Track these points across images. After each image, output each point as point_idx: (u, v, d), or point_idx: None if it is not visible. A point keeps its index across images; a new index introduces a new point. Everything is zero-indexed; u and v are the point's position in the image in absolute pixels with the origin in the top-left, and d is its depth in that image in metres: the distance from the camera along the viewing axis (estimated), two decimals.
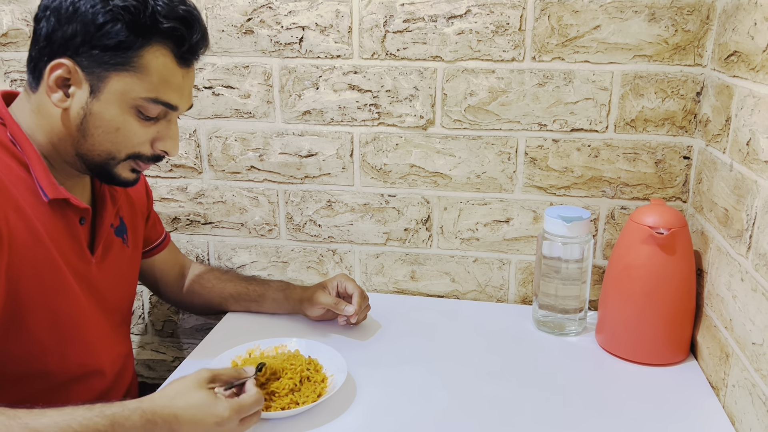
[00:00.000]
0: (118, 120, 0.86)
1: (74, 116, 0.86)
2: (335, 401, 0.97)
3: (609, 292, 1.12)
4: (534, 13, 1.17)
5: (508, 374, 1.06)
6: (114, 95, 0.85)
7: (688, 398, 0.99)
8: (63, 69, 0.83)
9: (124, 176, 0.92)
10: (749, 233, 0.91)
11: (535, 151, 1.24)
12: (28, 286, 0.85)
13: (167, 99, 0.87)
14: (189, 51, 0.88)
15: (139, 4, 0.82)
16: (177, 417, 0.78)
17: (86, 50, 0.82)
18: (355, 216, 1.34)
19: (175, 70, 0.87)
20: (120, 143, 0.88)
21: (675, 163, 1.20)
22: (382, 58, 1.24)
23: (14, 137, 0.87)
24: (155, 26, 0.83)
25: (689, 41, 1.14)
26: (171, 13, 0.84)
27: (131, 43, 0.83)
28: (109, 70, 0.83)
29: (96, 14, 0.81)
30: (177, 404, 0.79)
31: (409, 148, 1.28)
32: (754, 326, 0.88)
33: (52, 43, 0.83)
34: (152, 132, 0.89)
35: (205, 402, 0.80)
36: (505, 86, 1.21)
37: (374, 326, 1.21)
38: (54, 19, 0.83)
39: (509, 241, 1.30)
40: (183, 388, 0.81)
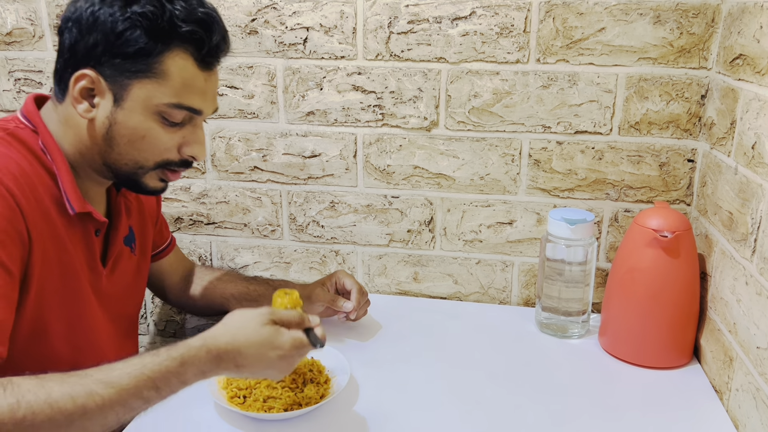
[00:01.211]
0: (142, 127, 0.86)
1: (100, 126, 0.86)
2: (338, 403, 0.97)
3: (612, 295, 1.12)
4: (539, 15, 1.16)
5: (511, 376, 1.05)
6: (137, 103, 0.84)
7: (692, 402, 0.99)
8: (86, 79, 0.83)
9: (152, 185, 0.92)
10: (754, 237, 0.91)
11: (538, 153, 1.24)
12: (52, 292, 0.85)
13: (190, 103, 0.87)
14: (209, 54, 0.87)
15: (157, 10, 0.82)
16: (240, 352, 0.79)
17: (108, 59, 0.82)
18: (358, 217, 1.34)
19: (196, 74, 0.86)
20: (147, 151, 0.88)
21: (679, 166, 1.20)
22: (386, 60, 1.23)
23: (45, 146, 0.87)
24: (174, 31, 0.83)
25: (694, 44, 1.14)
26: (189, 17, 0.84)
27: (151, 49, 0.82)
28: (131, 77, 0.83)
29: (115, 22, 0.81)
30: (239, 340, 0.80)
31: (412, 150, 1.28)
32: (759, 330, 0.87)
33: (75, 54, 0.83)
34: (178, 138, 0.89)
35: (267, 336, 0.81)
36: (510, 88, 1.21)
37: (377, 328, 1.21)
38: (76, 30, 0.83)
39: (512, 243, 1.30)
40: (244, 323, 0.82)
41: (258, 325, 0.81)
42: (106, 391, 0.71)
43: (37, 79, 1.36)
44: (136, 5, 0.81)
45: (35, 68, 1.35)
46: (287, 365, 0.83)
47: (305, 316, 0.87)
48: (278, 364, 0.82)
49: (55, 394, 0.68)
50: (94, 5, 0.82)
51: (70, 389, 0.69)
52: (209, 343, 0.79)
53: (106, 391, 0.71)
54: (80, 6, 0.83)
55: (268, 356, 0.81)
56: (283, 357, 0.82)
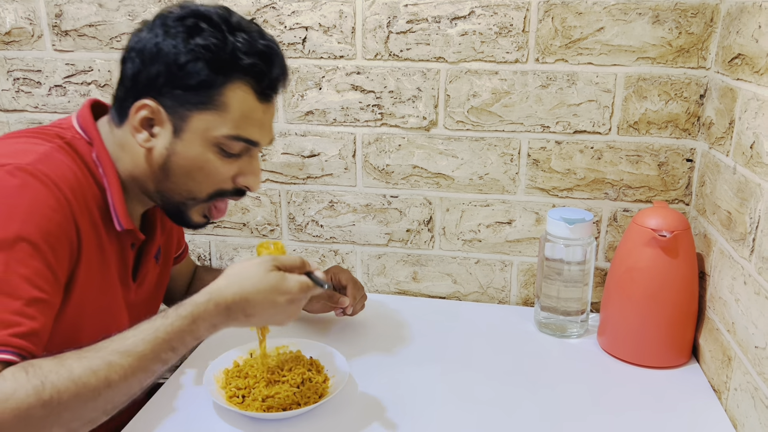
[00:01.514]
0: (200, 159, 0.86)
1: (158, 156, 0.86)
2: (337, 402, 0.97)
3: (611, 295, 1.12)
4: (538, 14, 1.17)
5: (510, 376, 1.05)
6: (196, 134, 0.84)
7: (690, 401, 0.99)
8: (147, 110, 0.83)
9: (195, 220, 0.93)
10: (752, 236, 0.91)
11: (537, 153, 1.24)
12: (90, 302, 0.85)
13: (248, 135, 0.87)
14: (269, 86, 0.87)
15: (220, 42, 0.82)
16: (249, 301, 0.81)
17: (169, 90, 0.83)
18: (357, 217, 1.34)
19: (255, 106, 0.86)
20: (202, 182, 0.88)
21: (678, 166, 1.20)
22: (385, 59, 1.23)
23: (99, 160, 0.87)
24: (235, 63, 0.83)
25: (693, 44, 1.14)
26: (251, 49, 0.83)
27: (212, 81, 0.82)
28: (191, 109, 0.83)
29: (178, 54, 0.81)
30: (247, 289, 0.81)
31: (411, 149, 1.28)
32: (757, 329, 0.88)
33: (137, 84, 0.84)
34: (234, 168, 0.89)
35: (273, 282, 0.82)
36: (508, 88, 1.21)
37: (375, 327, 1.21)
38: (138, 60, 0.83)
39: (511, 242, 1.30)
40: (250, 273, 0.82)
41: (263, 273, 0.82)
42: (126, 360, 0.72)
43: (36, 78, 1.36)
44: (199, 37, 0.82)
45: (34, 68, 1.35)
46: (295, 309, 0.85)
47: (305, 260, 0.88)
48: (286, 308, 0.83)
49: (77, 370, 0.69)
50: (157, 36, 0.83)
51: (89, 364, 0.70)
52: (216, 296, 0.80)
53: (125, 360, 0.72)
54: (144, 37, 0.84)
55: (277, 302, 0.82)
56: (291, 301, 0.83)
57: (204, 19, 0.83)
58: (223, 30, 0.83)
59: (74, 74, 1.34)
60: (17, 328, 0.70)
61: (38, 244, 0.74)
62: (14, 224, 0.73)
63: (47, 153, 0.81)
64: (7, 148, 0.81)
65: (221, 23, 0.83)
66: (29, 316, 0.71)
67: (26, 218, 0.74)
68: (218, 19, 0.84)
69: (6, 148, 0.81)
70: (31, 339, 0.71)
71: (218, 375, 1.00)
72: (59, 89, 1.36)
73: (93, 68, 1.33)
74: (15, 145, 0.82)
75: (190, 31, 0.82)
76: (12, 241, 0.72)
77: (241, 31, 0.84)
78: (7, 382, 0.65)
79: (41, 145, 0.82)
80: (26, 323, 0.70)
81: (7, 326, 0.69)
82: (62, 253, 0.78)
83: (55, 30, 1.32)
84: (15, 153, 0.79)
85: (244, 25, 0.85)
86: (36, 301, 0.73)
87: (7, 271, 0.71)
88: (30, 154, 0.79)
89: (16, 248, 0.72)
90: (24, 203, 0.74)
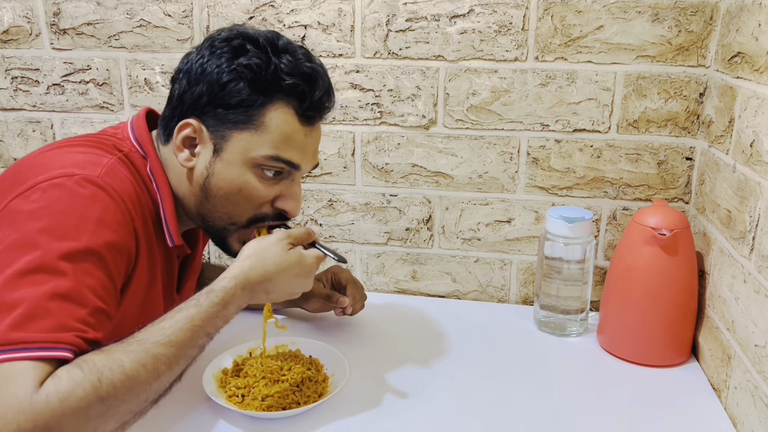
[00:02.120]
0: (239, 180, 0.86)
1: (198, 176, 0.87)
2: (336, 401, 0.96)
3: (611, 293, 1.12)
4: (537, 12, 1.16)
5: (509, 375, 1.05)
6: (236, 154, 0.85)
7: (690, 400, 0.99)
8: (190, 128, 0.84)
9: (235, 248, 0.92)
10: (752, 235, 0.91)
11: (537, 152, 1.24)
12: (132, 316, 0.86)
13: (288, 157, 0.86)
14: (311, 108, 0.87)
15: (263, 62, 0.82)
16: (272, 280, 0.84)
17: (211, 109, 0.84)
18: (356, 215, 1.33)
19: (297, 128, 0.86)
20: (241, 205, 0.88)
21: (677, 164, 1.20)
22: (384, 58, 1.23)
23: (153, 174, 0.88)
24: (277, 83, 0.83)
25: (692, 42, 1.14)
26: (294, 71, 0.84)
27: (253, 100, 0.83)
28: (231, 128, 0.84)
29: (221, 74, 0.82)
30: (270, 270, 0.84)
31: (411, 148, 1.27)
32: (757, 328, 0.88)
33: (183, 104, 0.85)
34: (274, 191, 0.89)
35: (295, 262, 0.85)
36: (508, 86, 1.21)
37: (375, 326, 1.21)
38: (185, 81, 0.85)
39: (511, 241, 1.30)
40: (269, 253, 0.85)
41: (284, 252, 0.85)
42: (170, 351, 0.72)
43: (34, 77, 1.35)
44: (243, 57, 0.82)
45: (32, 66, 1.35)
46: (309, 280, 0.89)
47: (310, 229, 0.91)
48: (303, 282, 0.87)
49: (128, 364, 0.69)
50: (203, 57, 0.84)
51: (137, 357, 0.70)
52: (242, 280, 0.81)
53: (169, 351, 0.72)
54: (192, 58, 0.86)
55: (297, 278, 0.86)
56: (308, 274, 0.87)
57: (250, 40, 0.84)
58: (268, 51, 0.83)
59: (72, 73, 1.34)
60: (84, 333, 0.70)
61: (105, 257, 0.75)
62: (85, 235, 0.73)
63: (111, 166, 0.81)
64: (71, 157, 0.81)
65: (267, 45, 0.84)
66: (93, 326, 0.72)
67: (96, 230, 0.74)
68: (264, 41, 0.84)
69: (70, 158, 0.80)
70: (93, 346, 0.72)
71: (217, 374, 1.00)
72: (57, 88, 1.35)
73: (91, 67, 1.33)
74: (78, 156, 0.81)
75: (235, 52, 0.83)
76: (83, 252, 0.73)
77: (286, 53, 0.84)
78: (63, 381, 0.64)
79: (103, 156, 0.82)
80: (91, 332, 0.71)
81: (75, 330, 0.70)
82: (122, 266, 0.79)
83: (53, 28, 1.32)
84: (82, 164, 0.79)
85: (291, 48, 0.86)
86: (100, 311, 0.73)
87: (77, 281, 0.71)
88: (96, 166, 0.79)
89: (85, 260, 0.73)
90: (94, 215, 0.75)
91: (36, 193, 0.75)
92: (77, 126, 1.37)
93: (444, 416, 0.95)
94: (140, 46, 1.30)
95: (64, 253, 0.71)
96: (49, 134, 1.38)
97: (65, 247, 0.72)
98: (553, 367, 1.08)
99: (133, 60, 1.31)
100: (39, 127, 1.38)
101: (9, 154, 1.41)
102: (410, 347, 1.14)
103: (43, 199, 0.74)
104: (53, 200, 0.74)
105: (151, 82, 1.32)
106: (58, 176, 0.76)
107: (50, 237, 0.72)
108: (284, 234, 0.87)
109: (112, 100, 1.34)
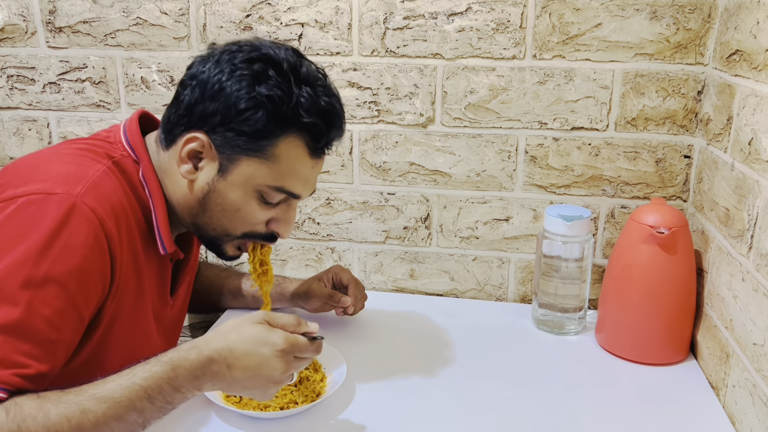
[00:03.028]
0: (239, 202, 0.85)
1: (198, 190, 0.85)
2: (334, 400, 0.96)
3: (609, 292, 1.12)
4: (535, 10, 1.16)
5: (507, 373, 1.05)
6: (241, 178, 0.84)
7: (688, 398, 0.99)
8: (197, 143, 0.83)
9: (230, 253, 0.92)
10: (750, 233, 0.90)
11: (535, 150, 1.23)
12: (120, 329, 0.85)
13: (292, 188, 0.86)
14: (324, 145, 0.87)
15: (285, 95, 0.80)
16: (232, 350, 0.76)
17: (223, 131, 0.82)
18: (354, 214, 1.33)
19: (305, 162, 0.85)
20: (237, 222, 0.87)
21: (676, 162, 1.20)
22: (381, 56, 1.23)
23: (146, 180, 0.86)
24: (295, 118, 0.82)
25: (691, 40, 1.13)
26: (313, 107, 0.82)
27: (268, 132, 0.81)
28: (241, 153, 0.82)
29: (240, 99, 0.80)
30: (231, 338, 0.77)
31: (408, 146, 1.27)
32: (755, 326, 0.87)
33: (192, 114, 0.83)
34: (270, 214, 0.88)
35: (258, 334, 0.77)
36: (506, 84, 1.21)
37: (373, 325, 1.21)
38: (199, 91, 0.82)
39: (509, 239, 1.30)
40: (236, 324, 0.79)
41: (249, 324, 0.79)
42: (99, 407, 0.70)
43: (30, 75, 1.35)
44: (264, 86, 0.80)
45: (28, 65, 1.34)
46: (283, 366, 0.78)
47: (302, 321, 0.83)
48: (273, 363, 0.77)
49: (53, 416, 0.68)
50: (222, 74, 0.81)
51: (65, 410, 0.69)
52: (200, 344, 0.77)
53: (99, 407, 0.70)
54: (209, 69, 0.82)
55: (261, 353, 0.76)
56: (278, 356, 0.77)
57: (273, 65, 0.81)
58: (290, 81, 0.81)
59: (68, 71, 1.33)
60: (25, 369, 0.69)
61: (66, 285, 0.73)
62: (46, 263, 0.72)
63: (96, 181, 0.79)
64: (56, 169, 0.79)
65: (290, 73, 0.81)
66: (40, 358, 0.71)
67: (60, 256, 0.73)
68: (288, 67, 0.82)
69: (55, 169, 0.79)
70: (36, 381, 0.71)
71: None
72: (53, 86, 1.35)
73: (87, 65, 1.32)
74: (65, 167, 0.80)
75: (257, 77, 0.80)
76: (41, 280, 0.71)
77: (307, 85, 0.82)
78: None
79: (92, 167, 0.81)
80: (35, 365, 0.70)
81: (14, 366, 0.69)
82: (92, 291, 0.77)
83: (48, 27, 1.31)
84: (65, 179, 0.77)
85: (312, 77, 0.84)
86: (51, 342, 0.72)
87: (29, 312, 0.70)
88: (80, 181, 0.78)
89: (43, 288, 0.71)
90: (61, 241, 0.73)
91: (11, 206, 0.74)
92: (73, 125, 1.36)
93: (442, 415, 0.94)
94: (137, 44, 1.30)
95: (22, 280, 0.70)
96: (45, 133, 1.38)
97: (24, 274, 0.70)
98: (551, 366, 1.08)
99: (129, 58, 1.31)
100: (35, 125, 1.38)
101: (5, 153, 1.40)
102: (408, 346, 1.14)
103: (15, 216, 0.73)
104: (24, 220, 0.73)
105: (148, 81, 1.31)
106: (36, 192, 0.75)
107: (11, 258, 0.70)
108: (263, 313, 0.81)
109: (109, 99, 1.34)
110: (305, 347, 0.80)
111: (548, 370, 1.06)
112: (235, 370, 0.76)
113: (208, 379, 0.76)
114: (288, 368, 0.79)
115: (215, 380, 0.76)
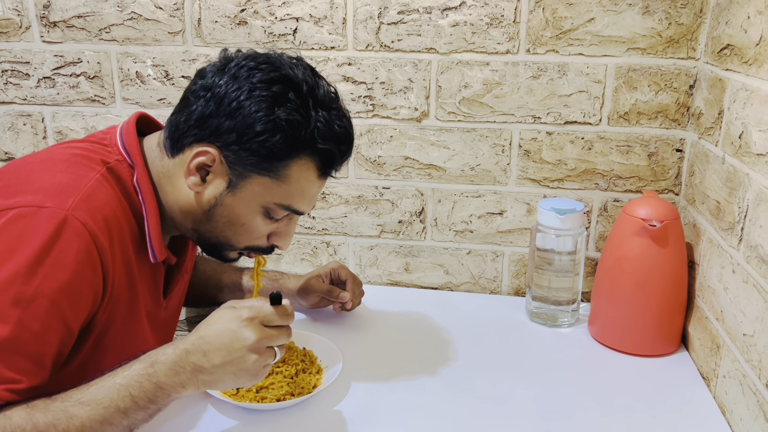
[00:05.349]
0: (245, 217, 0.86)
1: (204, 202, 0.85)
2: (330, 393, 0.97)
3: (602, 284, 1.13)
4: (528, 5, 1.17)
5: (501, 365, 1.06)
6: (250, 194, 0.84)
7: (680, 389, 1.01)
8: (208, 157, 0.82)
9: (231, 257, 0.93)
10: (741, 225, 0.92)
11: (528, 144, 1.24)
12: (114, 334, 0.85)
13: (297, 207, 0.87)
14: (334, 169, 0.88)
15: (303, 120, 0.80)
16: (203, 336, 0.77)
17: (237, 149, 0.81)
18: (349, 208, 1.34)
19: (314, 183, 0.86)
20: (241, 236, 0.88)
21: (668, 156, 1.21)
22: (376, 50, 1.23)
23: (140, 186, 0.85)
24: (311, 143, 0.82)
25: (682, 34, 1.14)
26: (328, 133, 0.82)
27: (283, 155, 0.81)
28: (252, 172, 0.82)
29: (258, 120, 0.79)
30: (201, 327, 0.79)
31: (403, 140, 1.28)
32: (745, 317, 0.89)
33: (204, 127, 0.82)
34: (272, 228, 0.89)
35: (224, 315, 0.79)
36: (500, 79, 1.21)
37: (368, 318, 1.21)
38: (214, 105, 0.81)
39: (503, 233, 1.30)
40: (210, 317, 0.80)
41: (216, 312, 0.81)
42: (83, 411, 0.70)
43: (24, 70, 1.34)
44: (283, 109, 0.79)
45: (22, 59, 1.34)
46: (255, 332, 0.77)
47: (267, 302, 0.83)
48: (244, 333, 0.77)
49: (41, 425, 0.69)
50: (240, 91, 0.80)
51: (53, 417, 0.69)
52: (177, 341, 0.78)
53: (83, 410, 0.71)
54: (226, 83, 0.81)
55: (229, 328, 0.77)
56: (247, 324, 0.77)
57: (293, 87, 0.81)
58: (308, 105, 0.81)
59: (63, 66, 1.33)
60: (17, 385, 0.70)
61: (57, 301, 0.73)
62: (36, 279, 0.72)
63: (89, 192, 0.78)
64: (49, 178, 0.78)
65: (308, 96, 0.81)
66: (30, 373, 0.71)
67: (50, 273, 0.73)
68: (307, 90, 0.81)
69: (48, 179, 0.78)
70: (27, 394, 0.71)
71: None
72: (48, 81, 1.35)
73: (82, 60, 1.32)
74: (58, 176, 0.79)
75: (276, 100, 0.80)
76: (31, 297, 0.71)
77: (323, 108, 0.82)
78: None
79: (84, 176, 0.80)
80: (26, 380, 0.71)
81: (6, 382, 0.69)
82: (83, 305, 0.77)
83: (43, 21, 1.31)
84: (58, 190, 0.77)
85: (327, 100, 0.84)
86: (41, 356, 0.72)
87: (20, 328, 0.70)
88: (73, 192, 0.77)
89: (33, 305, 0.71)
90: (51, 257, 0.73)
91: (1, 219, 0.73)
92: (68, 119, 1.36)
93: (437, 407, 0.95)
94: (131, 39, 1.29)
95: (12, 297, 0.70)
96: (40, 128, 1.38)
97: (14, 291, 0.70)
98: (544, 358, 1.09)
99: (124, 53, 1.31)
100: (30, 120, 1.38)
101: (0, 149, 1.40)
102: (403, 339, 1.14)
103: (5, 230, 0.73)
104: (15, 234, 0.73)
105: (143, 75, 1.31)
106: (27, 205, 0.74)
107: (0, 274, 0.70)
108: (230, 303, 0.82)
109: (104, 94, 1.34)
110: (270, 313, 0.80)
111: (542, 362, 1.07)
112: (211, 353, 0.76)
113: (190, 374, 0.76)
114: (260, 335, 0.78)
115: (197, 374, 0.76)
